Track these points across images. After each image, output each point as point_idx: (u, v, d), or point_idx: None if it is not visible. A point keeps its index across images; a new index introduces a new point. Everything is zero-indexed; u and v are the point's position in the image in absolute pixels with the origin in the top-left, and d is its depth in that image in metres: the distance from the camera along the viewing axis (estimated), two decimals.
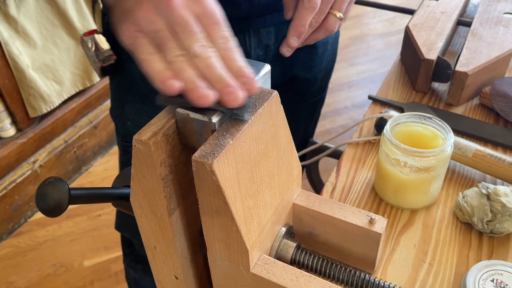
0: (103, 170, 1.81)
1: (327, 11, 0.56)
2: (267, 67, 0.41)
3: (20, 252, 1.51)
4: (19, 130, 1.58)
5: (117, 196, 0.46)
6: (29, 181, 1.59)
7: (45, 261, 1.48)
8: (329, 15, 0.56)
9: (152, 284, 0.98)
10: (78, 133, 1.74)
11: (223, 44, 0.37)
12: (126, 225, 0.91)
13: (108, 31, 0.71)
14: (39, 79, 1.55)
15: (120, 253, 1.01)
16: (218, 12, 0.38)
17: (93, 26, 1.66)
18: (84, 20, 1.64)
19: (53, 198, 0.40)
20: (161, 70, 0.36)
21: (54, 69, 1.60)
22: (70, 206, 0.42)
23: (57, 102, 1.63)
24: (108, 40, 0.69)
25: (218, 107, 0.36)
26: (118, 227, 0.94)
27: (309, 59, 0.79)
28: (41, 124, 1.62)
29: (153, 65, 0.36)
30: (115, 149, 1.87)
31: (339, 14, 0.56)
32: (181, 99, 0.36)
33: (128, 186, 0.47)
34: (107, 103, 1.84)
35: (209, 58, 0.36)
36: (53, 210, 0.41)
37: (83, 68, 1.69)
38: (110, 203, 0.50)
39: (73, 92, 1.70)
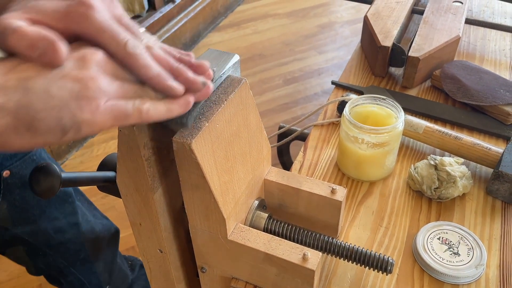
0: (79, 163, 1.82)
1: None
2: (236, 57, 0.46)
3: None
4: None
5: (104, 179, 0.51)
6: None
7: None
8: None
9: None
10: None
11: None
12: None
13: None
14: None
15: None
16: None
17: None
18: None
19: (46, 182, 0.44)
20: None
21: None
22: None
23: None
24: None
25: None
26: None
27: None
28: None
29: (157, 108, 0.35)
30: (90, 142, 1.88)
31: None
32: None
33: (112, 171, 0.51)
34: None
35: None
36: (46, 192, 0.45)
37: None
38: None
39: None
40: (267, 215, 0.51)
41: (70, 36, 0.32)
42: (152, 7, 2.16)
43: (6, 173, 0.73)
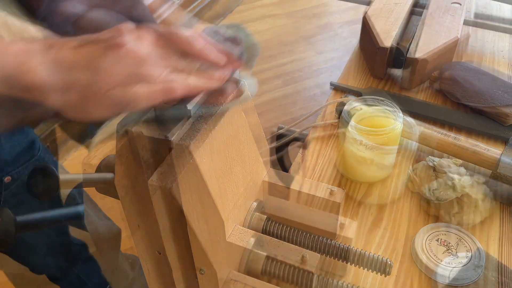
0: (77, 164, 1.82)
1: None
2: None
3: None
4: None
5: (102, 180, 0.51)
6: None
7: None
8: None
9: None
10: (49, 128, 1.74)
11: None
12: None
13: None
14: None
15: None
16: None
17: None
18: None
19: (44, 184, 0.44)
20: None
21: None
22: None
23: None
24: None
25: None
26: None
27: None
28: None
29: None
30: (89, 143, 1.88)
31: None
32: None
33: (110, 173, 0.51)
34: None
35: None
36: (44, 194, 0.45)
37: None
38: None
39: None
40: (265, 216, 0.51)
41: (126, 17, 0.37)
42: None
43: (7, 179, 0.74)
